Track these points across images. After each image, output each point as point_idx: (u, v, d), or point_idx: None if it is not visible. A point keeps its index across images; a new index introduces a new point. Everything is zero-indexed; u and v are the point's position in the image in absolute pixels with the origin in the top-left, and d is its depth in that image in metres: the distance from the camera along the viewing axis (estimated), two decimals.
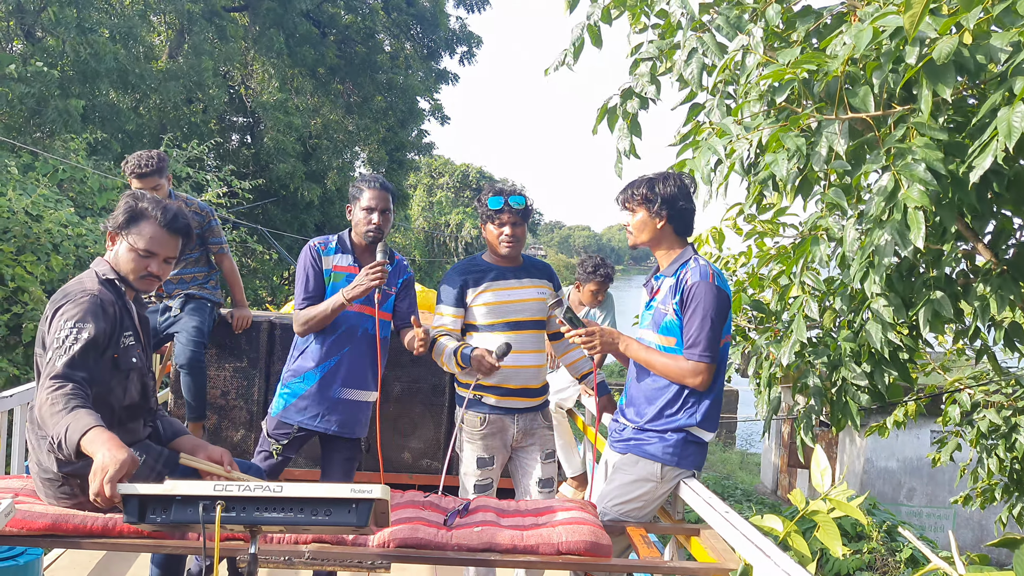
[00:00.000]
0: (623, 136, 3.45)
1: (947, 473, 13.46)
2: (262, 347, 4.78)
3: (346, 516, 1.93)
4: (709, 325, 2.84)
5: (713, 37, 3.09)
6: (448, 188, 48.68)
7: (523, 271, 3.47)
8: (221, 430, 4.75)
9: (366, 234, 3.40)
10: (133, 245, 2.60)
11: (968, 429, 5.51)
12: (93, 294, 2.52)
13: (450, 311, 3.42)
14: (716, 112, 3.19)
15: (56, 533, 2.44)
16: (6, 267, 6.84)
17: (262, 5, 18.81)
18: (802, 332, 3.30)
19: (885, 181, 2.52)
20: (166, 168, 4.37)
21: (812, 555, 2.47)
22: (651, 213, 2.97)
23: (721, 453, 21.57)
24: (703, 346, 2.84)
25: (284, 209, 20.26)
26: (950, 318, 3.07)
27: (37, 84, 12.25)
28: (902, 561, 9.64)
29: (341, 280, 3.42)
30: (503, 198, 3.33)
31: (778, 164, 2.63)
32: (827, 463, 2.60)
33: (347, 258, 3.46)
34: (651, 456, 2.96)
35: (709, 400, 2.95)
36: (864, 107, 2.60)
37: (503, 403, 3.37)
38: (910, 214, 2.43)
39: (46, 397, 2.31)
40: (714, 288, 2.86)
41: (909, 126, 2.53)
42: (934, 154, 2.42)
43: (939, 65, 2.29)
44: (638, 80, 3.39)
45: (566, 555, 2.49)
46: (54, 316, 2.49)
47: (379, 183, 3.44)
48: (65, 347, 2.40)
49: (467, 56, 24.55)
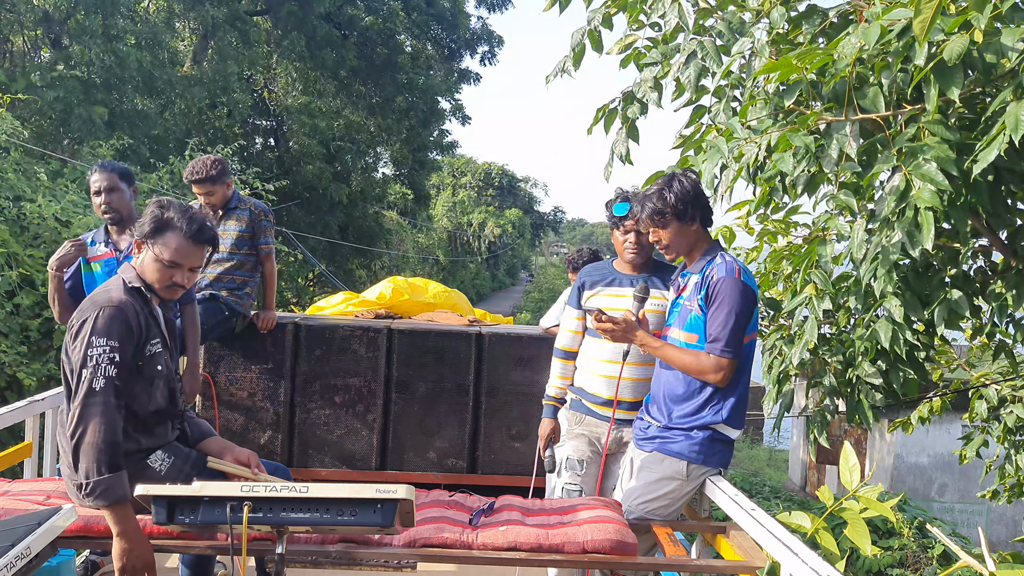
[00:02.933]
0: (620, 140, 3.43)
1: (979, 469, 13.24)
2: (288, 349, 4.81)
3: (371, 516, 1.94)
4: (733, 321, 2.80)
5: (713, 42, 3.06)
6: (471, 187, 48.77)
7: (646, 279, 3.35)
8: (248, 431, 4.79)
9: (103, 216, 3.80)
10: (158, 256, 2.60)
11: (995, 425, 5.44)
12: (119, 307, 2.53)
13: (571, 311, 3.51)
14: (722, 115, 3.16)
15: (88, 535, 2.48)
16: (37, 272, 6.95)
17: (284, 9, 18.95)
18: (813, 333, 3.27)
19: (896, 181, 2.49)
20: (222, 175, 4.46)
21: (841, 553, 2.44)
22: (683, 221, 2.92)
23: (749, 450, 21.42)
24: (724, 341, 2.81)
25: (308, 211, 20.39)
26: (966, 316, 3.03)
27: (61, 91, 12.43)
28: (934, 558, 9.52)
29: (100, 268, 3.82)
30: (629, 204, 3.25)
31: (785, 161, 2.61)
32: (856, 460, 2.57)
33: (101, 247, 3.87)
34: (677, 454, 2.94)
35: (734, 398, 2.92)
36: (874, 107, 2.57)
37: (601, 411, 3.36)
38: (921, 215, 2.40)
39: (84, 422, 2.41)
40: (740, 284, 2.82)
41: (920, 126, 2.50)
42: (946, 154, 2.39)
43: (949, 66, 2.27)
44: (640, 85, 3.37)
45: (592, 554, 2.49)
46: (82, 327, 2.51)
47: (99, 165, 3.84)
48: (102, 368, 2.44)
49: (488, 56, 24.55)
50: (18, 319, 6.68)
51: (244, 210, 4.57)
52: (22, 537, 2.01)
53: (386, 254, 24.84)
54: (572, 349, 3.54)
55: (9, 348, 6.47)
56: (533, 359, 4.80)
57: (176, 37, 17.72)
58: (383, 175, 24.95)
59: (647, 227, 3.05)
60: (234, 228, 4.56)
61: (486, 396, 4.87)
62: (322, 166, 19.33)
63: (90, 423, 2.42)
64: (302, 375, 4.83)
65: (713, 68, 3.04)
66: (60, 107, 12.62)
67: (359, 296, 5.59)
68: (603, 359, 3.38)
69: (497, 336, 4.88)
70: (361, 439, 4.86)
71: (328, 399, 4.85)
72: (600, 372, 3.39)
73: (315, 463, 4.85)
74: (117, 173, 3.83)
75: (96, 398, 2.43)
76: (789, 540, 2.29)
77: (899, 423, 5.95)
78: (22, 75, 12.61)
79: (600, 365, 3.40)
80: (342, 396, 4.85)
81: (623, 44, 3.43)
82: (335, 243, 21.27)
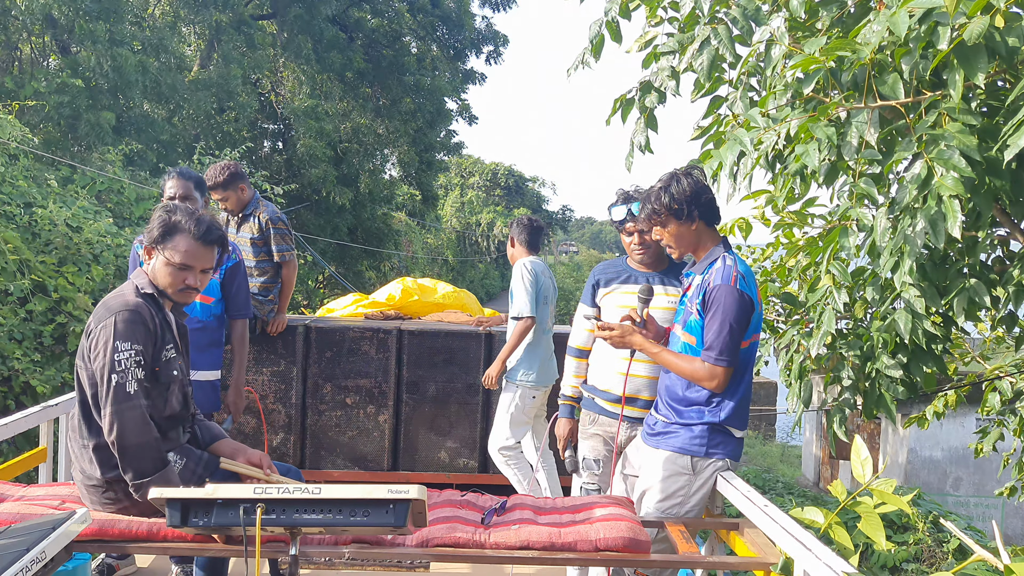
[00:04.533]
0: (639, 130, 3.41)
1: (994, 462, 13.18)
2: (299, 351, 4.83)
3: (384, 516, 1.94)
4: (727, 330, 2.81)
5: (728, 29, 3.03)
6: (479, 188, 48.80)
7: (661, 277, 3.38)
8: (260, 434, 4.81)
9: None
10: (169, 260, 2.62)
11: (1011, 419, 5.38)
12: (136, 310, 2.55)
13: (585, 309, 3.50)
14: (739, 104, 3.14)
15: (103, 538, 2.49)
16: (49, 278, 6.99)
17: (289, 12, 18.98)
18: (831, 324, 3.25)
19: (917, 169, 2.47)
20: (233, 180, 4.48)
21: (855, 548, 2.43)
22: (682, 220, 2.94)
23: (761, 446, 21.34)
24: (719, 350, 2.82)
25: (317, 214, 20.43)
26: (985, 305, 3.00)
27: (66, 97, 12.48)
28: (950, 552, 9.45)
29: None
30: (627, 207, 3.29)
31: (809, 155, 2.59)
32: (868, 454, 2.56)
33: None
34: (680, 449, 2.95)
35: (734, 401, 2.92)
36: (894, 94, 2.54)
37: (614, 409, 3.36)
38: (945, 203, 2.37)
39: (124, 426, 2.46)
40: (735, 292, 2.82)
41: (941, 112, 2.47)
42: (968, 140, 2.36)
43: (970, 48, 2.24)
44: (657, 74, 3.35)
45: (604, 552, 2.48)
46: (102, 332, 2.52)
47: (177, 172, 3.73)
48: (131, 371, 2.48)
49: (494, 55, 24.53)
50: (31, 325, 6.72)
51: (255, 218, 4.60)
52: (37, 541, 2.03)
53: (395, 255, 24.87)
54: (586, 348, 3.54)
55: (23, 356, 6.51)
56: None
57: (183, 42, 17.78)
58: (391, 176, 24.98)
59: (647, 227, 3.07)
60: (247, 235, 4.61)
61: (497, 395, 4.87)
62: (327, 168, 19.36)
63: (130, 425, 2.47)
64: (313, 377, 4.85)
65: (728, 56, 3.02)
66: (68, 113, 12.69)
67: (368, 298, 5.60)
68: (615, 356, 3.37)
69: None
70: (373, 440, 4.88)
71: (339, 401, 4.86)
72: (613, 369, 3.39)
73: (327, 464, 4.87)
74: (192, 181, 3.76)
75: (132, 401, 2.48)
76: (802, 536, 2.28)
77: (914, 419, 5.91)
78: (30, 82, 12.67)
79: (612, 362, 3.39)
80: (353, 397, 4.87)
81: (643, 41, 3.41)
82: (344, 245, 21.31)
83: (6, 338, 6.42)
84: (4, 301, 6.55)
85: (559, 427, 3.58)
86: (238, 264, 3.79)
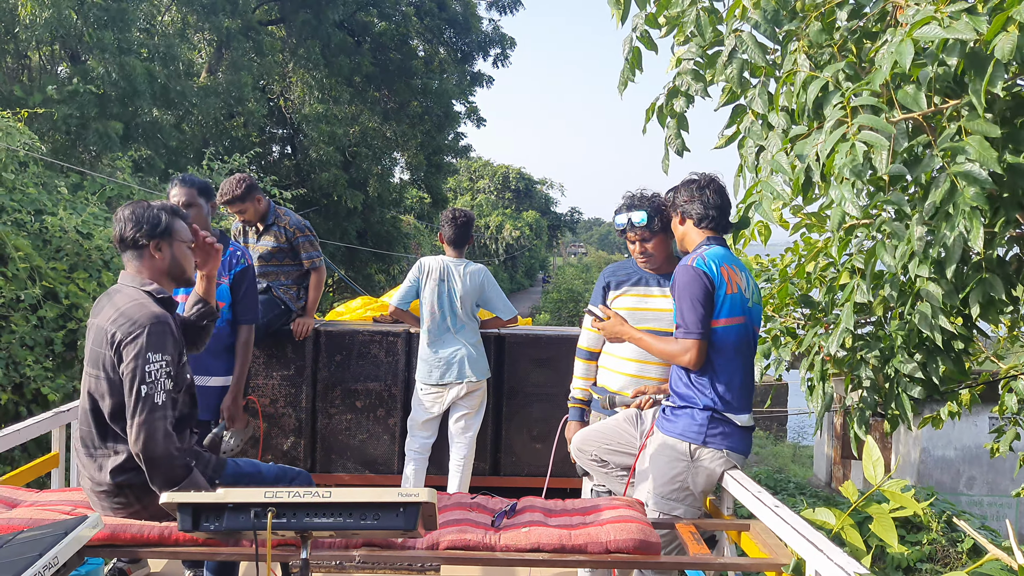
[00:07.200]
0: (673, 135, 3.43)
1: (1007, 461, 13.09)
2: (308, 354, 4.84)
3: (394, 520, 1.95)
4: (688, 304, 2.90)
5: (752, 36, 3.05)
6: (488, 191, 48.86)
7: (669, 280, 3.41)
8: (271, 437, 4.82)
9: None
10: (182, 238, 2.75)
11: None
12: (165, 321, 2.56)
13: (595, 311, 3.51)
14: (758, 101, 3.15)
15: (115, 543, 2.50)
16: (60, 285, 7.02)
17: (297, 18, 19.04)
18: (850, 320, 3.24)
19: (941, 182, 2.48)
20: (249, 192, 4.52)
21: (868, 549, 2.42)
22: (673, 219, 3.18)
23: (773, 447, 21.26)
24: (686, 325, 2.92)
25: (326, 217, 20.48)
26: (1003, 303, 2.99)
27: (75, 105, 12.55)
28: (964, 552, 9.40)
29: None
30: (628, 216, 3.36)
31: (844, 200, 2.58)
32: (879, 454, 2.54)
33: None
34: (679, 435, 2.97)
35: (722, 383, 2.94)
36: (916, 106, 2.54)
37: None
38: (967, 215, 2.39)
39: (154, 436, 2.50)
40: (691, 270, 2.92)
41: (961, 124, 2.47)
42: (988, 153, 2.37)
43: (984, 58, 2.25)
44: (682, 77, 3.37)
45: (615, 554, 2.48)
46: (132, 342, 2.51)
47: (180, 179, 3.70)
48: (160, 383, 2.51)
49: (501, 58, 24.55)
50: (43, 331, 6.75)
51: (279, 228, 4.67)
52: (49, 547, 2.03)
53: (404, 258, 24.89)
54: (595, 349, 3.54)
55: (35, 363, 6.53)
56: (553, 360, 4.80)
57: (192, 49, 17.86)
58: (400, 180, 25.02)
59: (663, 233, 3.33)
60: (271, 243, 4.68)
61: (506, 398, 4.87)
62: (337, 173, 19.41)
63: (158, 436, 2.49)
64: (323, 381, 4.86)
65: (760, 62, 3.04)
66: (76, 121, 12.75)
67: (377, 301, 5.61)
68: (625, 357, 3.37)
69: (516, 337, 4.88)
70: (383, 443, 4.88)
71: (349, 404, 4.87)
72: (622, 370, 3.38)
73: (338, 468, 4.88)
74: (196, 188, 3.69)
75: (160, 412, 2.50)
76: (814, 537, 2.27)
77: (928, 419, 5.87)
78: (39, 90, 12.75)
79: (622, 363, 3.39)
80: (363, 401, 4.87)
81: (676, 60, 3.45)
82: (354, 248, 21.36)
83: (18, 345, 6.45)
84: (15, 308, 6.59)
85: (568, 430, 3.58)
86: (247, 269, 3.79)
